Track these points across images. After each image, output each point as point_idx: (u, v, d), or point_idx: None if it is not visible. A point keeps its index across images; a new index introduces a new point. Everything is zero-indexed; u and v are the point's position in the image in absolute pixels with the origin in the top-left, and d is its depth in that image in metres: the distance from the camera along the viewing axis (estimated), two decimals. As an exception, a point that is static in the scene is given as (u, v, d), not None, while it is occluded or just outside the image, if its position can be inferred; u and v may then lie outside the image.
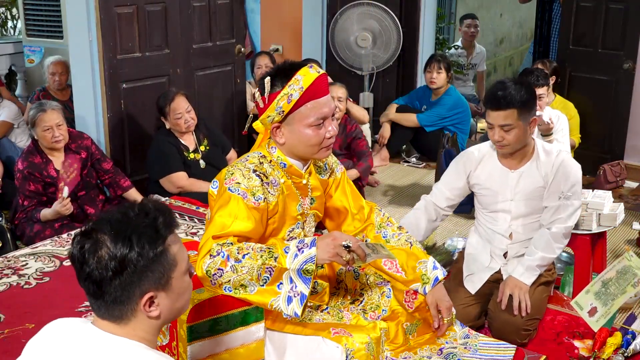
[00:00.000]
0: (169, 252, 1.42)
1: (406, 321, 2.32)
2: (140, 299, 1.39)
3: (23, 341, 1.46)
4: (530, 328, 2.60)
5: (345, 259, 1.98)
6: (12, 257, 3.19)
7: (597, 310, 2.44)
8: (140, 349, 1.39)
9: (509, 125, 2.58)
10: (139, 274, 1.38)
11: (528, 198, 2.69)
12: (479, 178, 2.76)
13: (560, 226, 2.65)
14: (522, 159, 2.69)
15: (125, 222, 1.39)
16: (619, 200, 4.06)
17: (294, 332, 2.07)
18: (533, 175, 2.67)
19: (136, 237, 1.37)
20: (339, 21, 5.63)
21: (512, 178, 2.70)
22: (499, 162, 2.73)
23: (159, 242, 1.40)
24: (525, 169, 2.69)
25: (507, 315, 2.60)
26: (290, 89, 2.08)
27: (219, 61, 4.84)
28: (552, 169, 2.64)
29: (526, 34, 9.90)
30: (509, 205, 2.71)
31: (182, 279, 1.47)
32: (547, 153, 2.68)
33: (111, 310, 1.40)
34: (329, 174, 2.37)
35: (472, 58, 6.91)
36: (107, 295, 1.39)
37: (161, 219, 1.42)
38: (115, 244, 1.36)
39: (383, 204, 4.55)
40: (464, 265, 2.84)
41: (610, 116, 4.99)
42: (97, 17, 4.03)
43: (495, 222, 2.76)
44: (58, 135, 3.70)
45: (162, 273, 1.41)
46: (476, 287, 2.74)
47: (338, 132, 4.52)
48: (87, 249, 1.37)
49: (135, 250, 1.36)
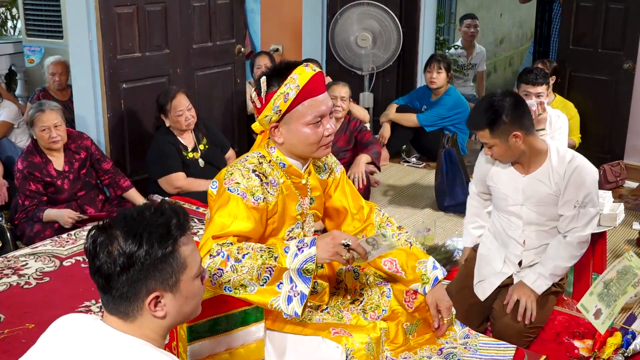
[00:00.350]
0: (179, 254, 1.43)
1: (406, 321, 2.32)
2: (147, 297, 1.40)
3: (23, 341, 1.47)
4: (531, 335, 2.58)
5: (345, 258, 1.98)
6: (12, 257, 3.19)
7: (602, 312, 2.43)
8: (146, 348, 1.39)
9: (486, 144, 2.61)
10: (145, 271, 1.39)
11: (539, 204, 2.62)
12: (493, 179, 2.75)
13: (576, 235, 2.58)
14: (534, 164, 2.63)
15: (139, 220, 1.41)
16: (619, 200, 4.06)
17: (294, 332, 2.07)
18: (544, 182, 2.60)
19: (147, 235, 1.39)
20: (339, 21, 5.63)
21: (523, 182, 2.64)
22: (511, 166, 2.69)
23: (169, 242, 1.41)
24: (536, 174, 2.62)
25: (510, 319, 2.58)
26: (286, 87, 2.08)
27: (219, 61, 4.85)
28: (564, 176, 2.56)
29: (526, 34, 9.90)
30: (519, 210, 2.65)
31: (191, 283, 1.47)
32: (560, 158, 2.60)
33: (118, 306, 1.42)
34: (329, 174, 2.37)
35: (472, 58, 6.91)
36: (115, 291, 1.40)
37: (175, 220, 1.43)
38: (125, 241, 1.38)
39: (383, 204, 4.55)
40: (475, 269, 2.80)
41: (610, 116, 4.99)
42: (97, 17, 4.03)
43: (509, 226, 2.71)
44: (55, 135, 3.70)
45: (170, 274, 1.42)
46: (486, 293, 2.72)
47: (343, 129, 4.62)
48: (100, 243, 1.40)
49: (144, 247, 1.38)
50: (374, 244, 2.02)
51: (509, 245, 2.73)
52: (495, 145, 2.58)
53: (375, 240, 2.03)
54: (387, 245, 2.05)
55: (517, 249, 2.70)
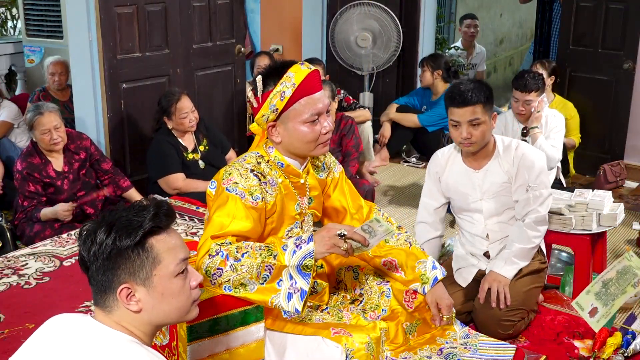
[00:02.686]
0: (151, 247, 1.44)
1: (406, 321, 2.32)
2: (118, 288, 1.43)
3: (23, 341, 1.47)
4: (513, 319, 2.60)
5: (344, 248, 1.98)
6: (12, 257, 3.19)
7: (598, 311, 2.43)
8: (133, 346, 1.40)
9: (477, 120, 2.61)
10: (113, 261, 1.42)
11: (496, 195, 2.71)
12: (447, 182, 2.81)
13: (532, 216, 2.67)
14: (484, 158, 2.72)
15: (118, 212, 1.45)
16: (619, 200, 4.06)
17: (294, 332, 2.07)
18: (497, 172, 2.70)
19: (117, 226, 1.42)
20: (339, 21, 5.63)
21: (478, 178, 2.73)
22: (463, 163, 2.77)
23: (137, 233, 1.42)
24: (488, 167, 2.72)
25: (487, 308, 2.61)
26: (282, 86, 2.08)
27: (219, 61, 4.84)
28: (513, 163, 2.67)
29: (526, 34, 9.90)
30: (480, 205, 2.74)
31: (169, 280, 1.47)
32: (506, 148, 2.71)
33: (98, 297, 1.46)
34: (327, 174, 2.37)
35: (472, 58, 6.91)
36: (92, 279, 1.45)
37: (151, 214, 1.45)
38: (99, 230, 1.42)
39: (383, 204, 4.55)
40: (453, 262, 2.88)
41: (610, 116, 4.98)
42: (97, 17, 4.02)
43: (472, 224, 2.78)
44: (56, 137, 3.70)
45: (140, 266, 1.43)
46: (467, 280, 2.76)
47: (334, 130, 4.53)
48: (84, 233, 1.45)
49: (111, 237, 1.41)
50: (370, 231, 2.01)
51: (474, 243, 2.80)
52: (484, 123, 2.62)
53: (370, 226, 2.01)
54: (384, 230, 2.03)
55: (483, 244, 2.78)
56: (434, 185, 2.86)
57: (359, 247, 2.00)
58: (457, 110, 2.63)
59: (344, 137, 4.44)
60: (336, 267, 2.44)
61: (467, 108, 2.61)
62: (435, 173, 2.85)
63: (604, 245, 3.25)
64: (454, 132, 2.67)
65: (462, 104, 2.62)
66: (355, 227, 2.02)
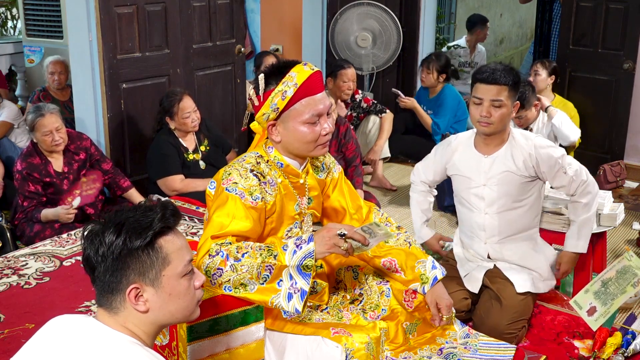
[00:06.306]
0: (161, 248, 1.45)
1: (406, 321, 2.32)
2: (127, 288, 1.42)
3: (23, 341, 1.47)
4: (514, 331, 2.58)
5: (344, 248, 1.98)
6: (12, 257, 3.19)
7: (597, 310, 2.44)
8: (134, 347, 1.40)
9: (499, 101, 2.59)
10: (123, 261, 1.41)
11: (500, 183, 2.68)
12: (455, 165, 2.80)
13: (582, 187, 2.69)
14: (496, 145, 2.70)
15: (126, 212, 1.45)
16: (619, 200, 4.06)
17: (294, 332, 2.07)
18: (506, 160, 2.68)
19: (127, 226, 1.42)
20: (339, 21, 5.63)
21: (486, 163, 2.71)
22: (474, 148, 2.75)
23: (147, 233, 1.42)
24: (498, 154, 2.70)
25: (488, 322, 2.59)
26: (284, 85, 2.08)
27: (219, 61, 4.85)
28: (534, 151, 2.64)
29: (526, 34, 9.91)
30: (482, 191, 2.72)
31: (176, 281, 1.48)
32: (525, 137, 2.70)
33: (104, 298, 1.45)
34: (327, 174, 2.37)
35: (473, 57, 6.92)
36: (98, 280, 1.44)
37: (159, 215, 1.45)
38: (107, 231, 1.42)
39: (383, 204, 4.55)
40: (458, 265, 2.85)
41: (610, 116, 4.99)
42: (97, 17, 4.02)
43: (471, 212, 2.76)
44: (58, 138, 3.70)
45: (149, 267, 1.43)
46: (477, 286, 2.74)
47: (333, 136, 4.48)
48: (88, 235, 1.44)
49: (122, 237, 1.41)
50: (370, 232, 2.01)
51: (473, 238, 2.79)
52: (505, 107, 2.60)
53: (370, 228, 2.02)
54: (383, 233, 2.03)
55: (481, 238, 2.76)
56: (433, 165, 2.90)
57: (359, 246, 2.00)
58: (483, 87, 2.61)
59: (345, 143, 4.35)
60: (336, 267, 2.44)
61: (493, 86, 2.59)
62: (442, 156, 2.85)
63: (604, 245, 3.25)
64: (474, 110, 2.64)
65: (490, 81, 2.60)
66: (355, 227, 2.02)
